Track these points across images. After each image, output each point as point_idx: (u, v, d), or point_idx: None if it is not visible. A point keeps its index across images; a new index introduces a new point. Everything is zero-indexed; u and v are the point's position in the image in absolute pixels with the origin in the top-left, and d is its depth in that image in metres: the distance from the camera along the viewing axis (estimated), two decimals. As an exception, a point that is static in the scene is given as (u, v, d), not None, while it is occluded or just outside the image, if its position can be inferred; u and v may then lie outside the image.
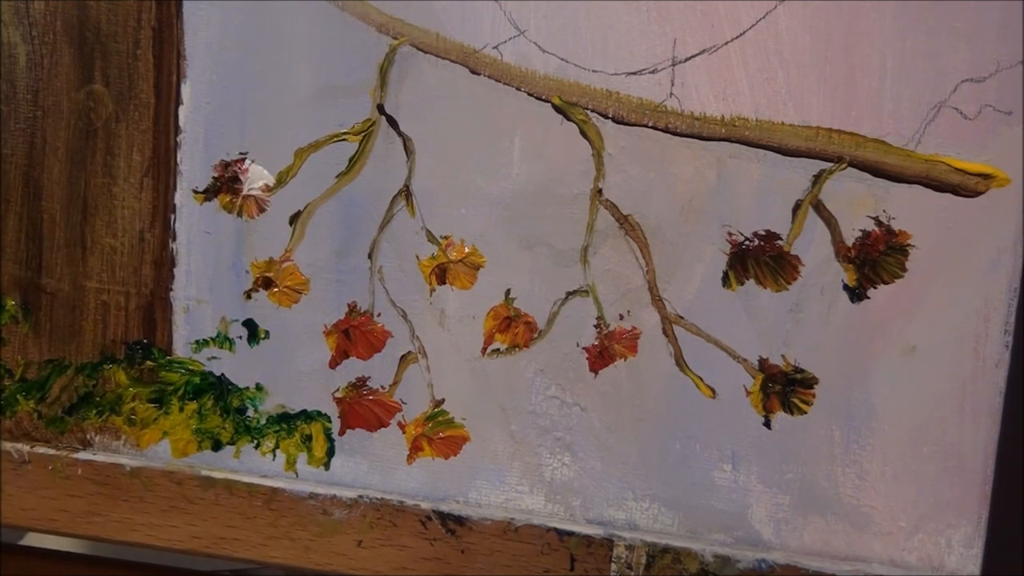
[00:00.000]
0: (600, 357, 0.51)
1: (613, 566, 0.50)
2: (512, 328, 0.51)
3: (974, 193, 0.47)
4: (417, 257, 0.51)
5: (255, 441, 0.54)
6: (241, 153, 0.52)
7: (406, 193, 0.51)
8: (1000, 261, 0.47)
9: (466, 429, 0.52)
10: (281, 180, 0.52)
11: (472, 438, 0.52)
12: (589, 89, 0.49)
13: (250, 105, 0.51)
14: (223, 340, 0.53)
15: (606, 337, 0.50)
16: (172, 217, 0.53)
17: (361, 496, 0.52)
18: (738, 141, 0.48)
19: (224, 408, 0.53)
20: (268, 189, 0.52)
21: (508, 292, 0.51)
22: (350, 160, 0.51)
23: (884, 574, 0.49)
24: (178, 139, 0.52)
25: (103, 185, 0.53)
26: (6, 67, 0.52)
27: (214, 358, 0.53)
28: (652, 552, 0.50)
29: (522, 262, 0.51)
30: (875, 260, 0.48)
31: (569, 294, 0.51)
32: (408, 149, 0.51)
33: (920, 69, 0.47)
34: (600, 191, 0.50)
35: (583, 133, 0.49)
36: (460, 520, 0.51)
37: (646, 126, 0.49)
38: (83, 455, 0.54)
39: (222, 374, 0.53)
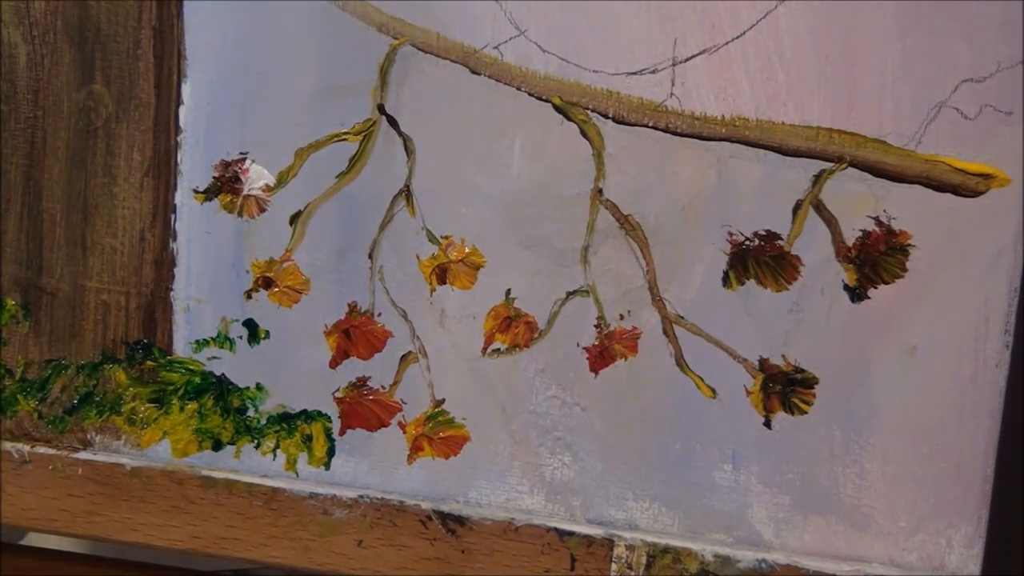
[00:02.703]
0: (600, 357, 0.51)
1: (613, 566, 0.50)
2: (512, 328, 0.51)
3: (974, 193, 0.47)
4: (417, 257, 0.51)
5: (255, 441, 0.54)
6: (241, 153, 0.52)
7: (406, 193, 0.51)
8: (1000, 261, 0.47)
9: (466, 429, 0.52)
10: (281, 180, 0.52)
11: (472, 438, 0.52)
12: (589, 89, 0.49)
13: (250, 105, 0.51)
14: (223, 340, 0.53)
15: (606, 337, 0.50)
16: (172, 217, 0.53)
17: (361, 496, 0.52)
18: (738, 141, 0.48)
19: (224, 408, 0.53)
20: (268, 189, 0.52)
21: (508, 292, 0.51)
22: (350, 160, 0.51)
23: (884, 574, 0.49)
24: (178, 139, 0.52)
25: (103, 185, 0.53)
26: (6, 67, 0.52)
27: (214, 358, 0.53)
28: (652, 552, 0.50)
29: (522, 262, 0.51)
30: (875, 260, 0.48)
31: (569, 294, 0.51)
32: (408, 149, 0.51)
33: (920, 69, 0.47)
34: (600, 191, 0.50)
35: (583, 133, 0.49)
36: (460, 520, 0.51)
37: (646, 126, 0.49)
38: (83, 455, 0.54)
39: (222, 374, 0.53)
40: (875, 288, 0.48)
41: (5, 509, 0.54)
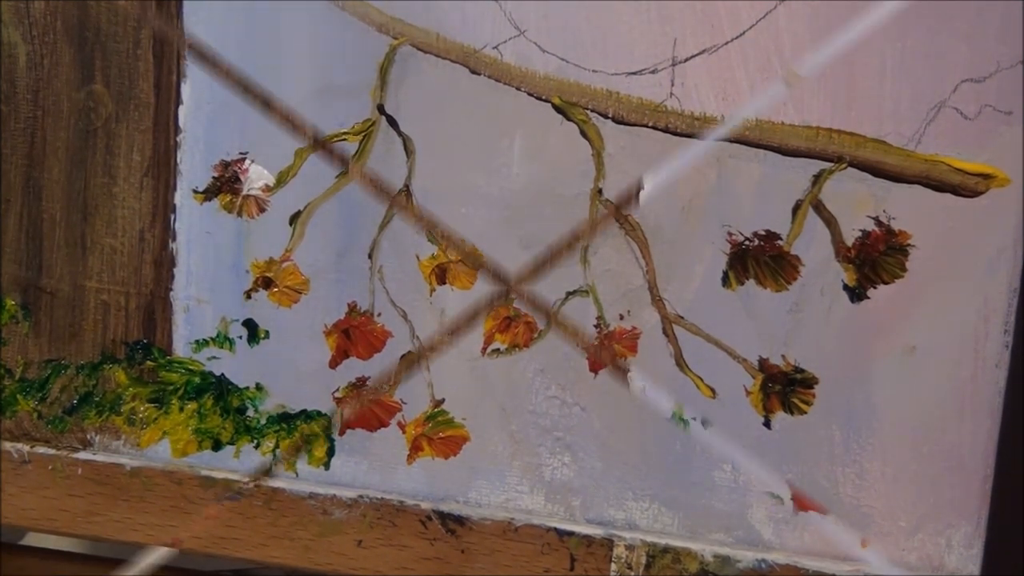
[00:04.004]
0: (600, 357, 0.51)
1: (613, 566, 0.50)
2: (512, 328, 0.51)
3: (974, 193, 0.47)
4: (417, 257, 0.51)
5: (255, 441, 0.54)
6: (241, 153, 0.52)
7: (406, 193, 0.51)
8: (1000, 261, 0.47)
9: (466, 429, 0.52)
10: (281, 180, 0.52)
11: (472, 438, 0.52)
12: (589, 89, 0.49)
13: (250, 105, 0.51)
14: (223, 340, 0.53)
15: (606, 337, 0.50)
16: (172, 217, 0.53)
17: (361, 496, 0.52)
18: (738, 141, 0.48)
19: (224, 408, 0.53)
20: (268, 189, 0.52)
21: (508, 292, 0.51)
22: (350, 160, 0.51)
23: (884, 574, 0.49)
24: (178, 139, 0.52)
25: (103, 185, 0.53)
26: (6, 67, 0.52)
27: (214, 358, 0.53)
28: (652, 552, 0.50)
29: (522, 262, 0.51)
30: (875, 260, 0.48)
31: (569, 294, 0.51)
32: (408, 149, 0.51)
33: (920, 69, 0.47)
34: (600, 191, 0.50)
35: (583, 133, 0.49)
36: (460, 520, 0.51)
37: (646, 126, 0.49)
38: (83, 455, 0.54)
39: (222, 374, 0.53)
40: (875, 288, 0.48)
41: (5, 509, 0.54)
